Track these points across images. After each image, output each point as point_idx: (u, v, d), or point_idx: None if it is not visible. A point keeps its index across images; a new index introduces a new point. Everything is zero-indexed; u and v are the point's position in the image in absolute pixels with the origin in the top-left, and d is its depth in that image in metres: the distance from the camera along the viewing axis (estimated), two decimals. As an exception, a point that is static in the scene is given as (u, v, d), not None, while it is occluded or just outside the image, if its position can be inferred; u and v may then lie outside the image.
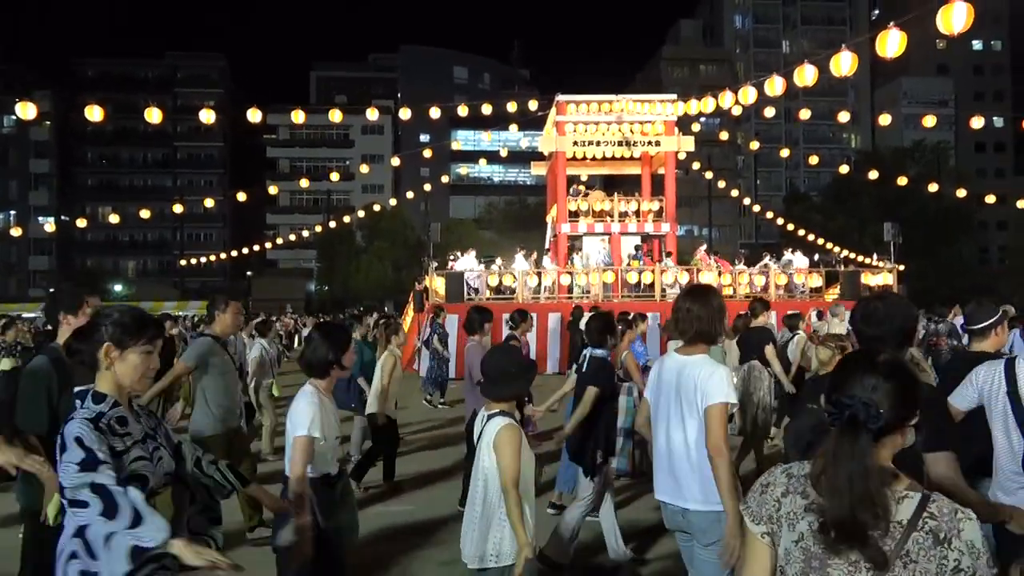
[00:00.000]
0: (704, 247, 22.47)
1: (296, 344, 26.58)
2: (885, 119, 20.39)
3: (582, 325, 8.24)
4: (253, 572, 2.42)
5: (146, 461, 2.28)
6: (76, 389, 2.32)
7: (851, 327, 2.84)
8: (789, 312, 10.57)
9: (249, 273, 53.00)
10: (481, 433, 3.06)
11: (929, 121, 19.99)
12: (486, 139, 25.90)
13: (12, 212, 56.84)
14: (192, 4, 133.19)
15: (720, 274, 19.48)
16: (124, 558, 2.06)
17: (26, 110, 13.08)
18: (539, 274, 19.37)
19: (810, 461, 1.60)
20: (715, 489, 2.92)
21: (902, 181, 27.21)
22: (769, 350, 7.30)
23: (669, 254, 20.77)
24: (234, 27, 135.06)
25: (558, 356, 17.04)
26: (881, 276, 21.00)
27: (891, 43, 8.61)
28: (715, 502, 2.95)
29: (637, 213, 21.75)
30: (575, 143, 20.99)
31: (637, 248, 20.63)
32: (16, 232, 31.57)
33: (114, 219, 32.20)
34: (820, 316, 13.70)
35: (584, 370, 5.13)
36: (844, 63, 9.16)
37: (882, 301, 2.63)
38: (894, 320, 2.52)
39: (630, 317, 7.73)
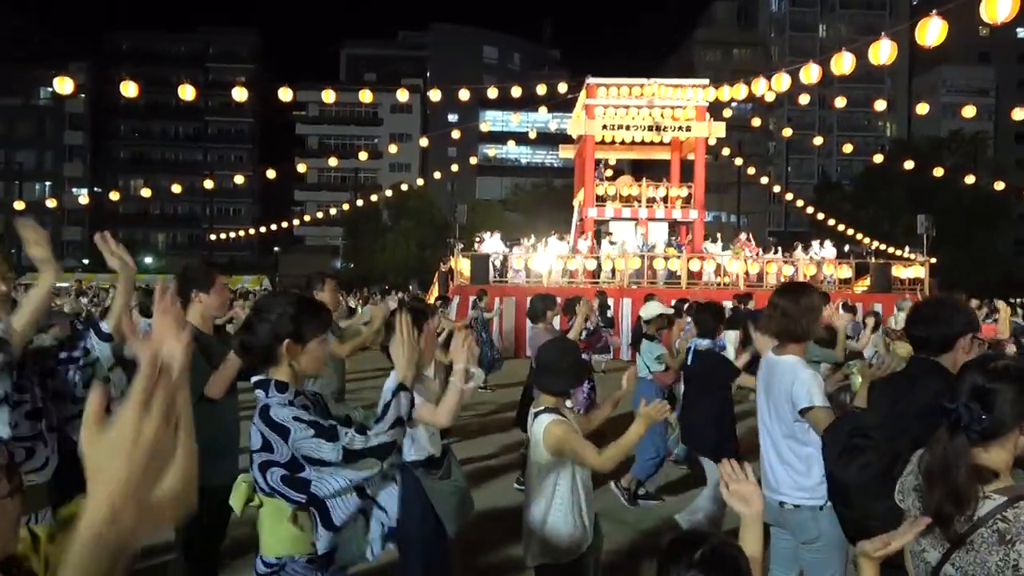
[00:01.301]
0: (744, 234, 22.29)
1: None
2: (923, 108, 19.95)
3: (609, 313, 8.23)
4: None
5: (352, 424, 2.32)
6: (257, 378, 2.31)
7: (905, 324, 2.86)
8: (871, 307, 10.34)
9: (276, 249, 53.53)
10: (531, 429, 3.07)
11: (969, 111, 19.51)
12: (515, 120, 25.83)
13: (48, 183, 57.85)
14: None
15: (746, 261, 19.29)
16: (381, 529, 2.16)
17: (63, 84, 13.26)
18: (566, 259, 19.34)
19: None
20: (806, 486, 2.98)
21: (937, 172, 26.65)
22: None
23: (673, 235, 20.63)
24: (265, 2, 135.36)
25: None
26: (912, 269, 20.66)
27: (931, 31, 8.40)
28: (806, 498, 3.00)
29: (665, 199, 21.58)
30: (604, 127, 20.83)
31: (673, 235, 20.57)
32: (51, 203, 32.11)
33: (145, 192, 32.65)
34: (848, 308, 13.51)
35: (691, 362, 5.11)
36: (883, 52, 8.95)
37: (936, 304, 2.64)
38: (938, 323, 2.52)
39: (686, 306, 7.72)
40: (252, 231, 39.22)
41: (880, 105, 20.25)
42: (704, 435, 4.90)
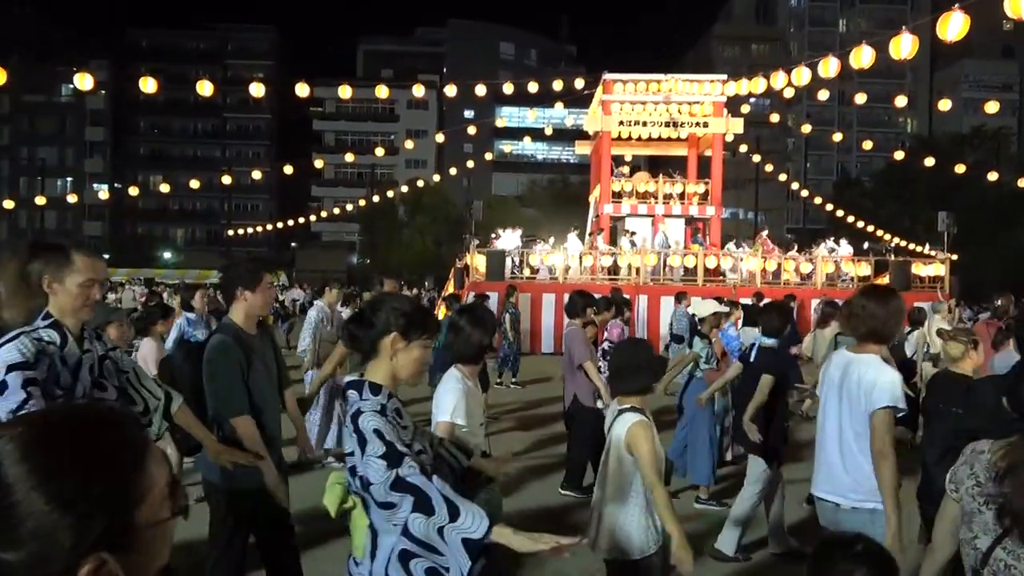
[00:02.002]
0: (766, 232, 22.15)
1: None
2: (945, 104, 19.71)
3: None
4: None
5: (426, 454, 2.26)
6: (348, 379, 2.30)
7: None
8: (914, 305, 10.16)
9: (293, 244, 53.86)
10: (611, 427, 3.07)
11: (992, 106, 19.21)
12: (531, 116, 25.79)
13: (69, 179, 58.55)
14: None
15: (765, 259, 19.16)
16: (462, 550, 1.91)
17: (83, 80, 13.39)
18: (581, 255, 19.30)
19: (985, 443, 1.88)
20: (868, 488, 2.96)
21: (959, 168, 26.29)
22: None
23: (697, 233, 20.49)
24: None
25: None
26: (933, 266, 20.40)
27: (953, 25, 8.27)
28: (867, 501, 2.98)
29: (682, 195, 21.46)
30: (621, 123, 20.74)
31: (696, 231, 20.48)
32: (72, 199, 32.52)
33: (164, 188, 32.95)
34: None
35: (754, 359, 5.08)
36: (904, 46, 8.83)
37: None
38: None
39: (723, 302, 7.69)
40: (269, 227, 39.46)
41: (901, 101, 19.93)
42: (757, 432, 4.86)
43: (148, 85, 14.39)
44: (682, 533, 2.80)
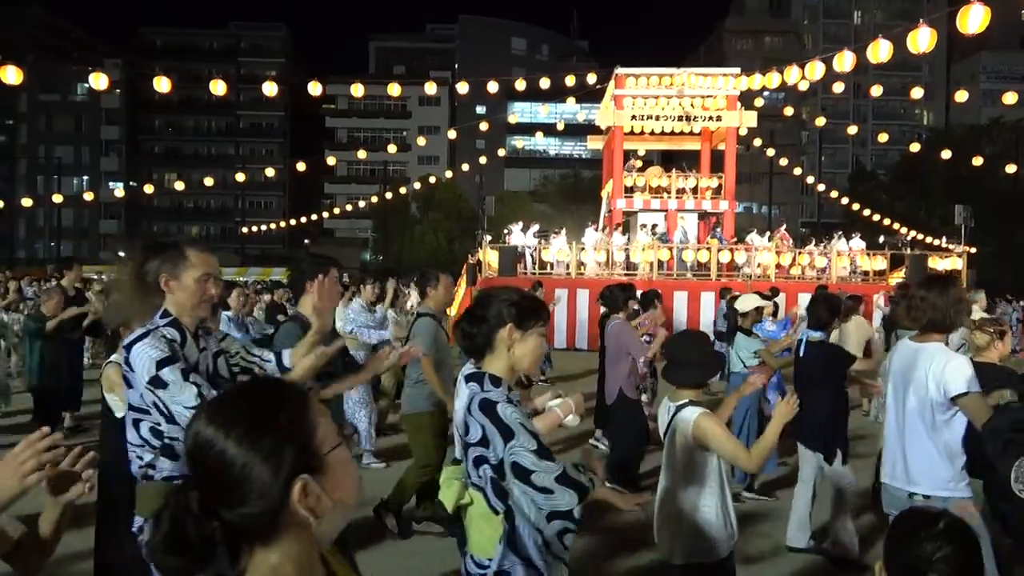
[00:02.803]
0: (784, 226, 22.01)
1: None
2: (962, 95, 19.42)
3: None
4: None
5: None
6: (467, 372, 2.31)
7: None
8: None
9: (307, 241, 54.03)
10: (670, 424, 2.99)
11: (1010, 98, 18.94)
12: (543, 112, 25.69)
13: (85, 178, 59.06)
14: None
15: (779, 254, 19.04)
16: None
17: (98, 80, 13.48)
18: (594, 250, 19.24)
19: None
20: (942, 478, 2.98)
21: (977, 161, 25.99)
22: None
23: (717, 227, 20.36)
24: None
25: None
26: (950, 260, 20.20)
27: (973, 18, 8.16)
28: (939, 489, 2.99)
29: (695, 190, 21.35)
30: (633, 117, 20.65)
31: (715, 226, 20.36)
32: (88, 197, 32.75)
33: (179, 186, 33.15)
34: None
35: (803, 354, 5.00)
36: (922, 39, 8.71)
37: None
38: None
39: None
40: (283, 224, 39.64)
41: (917, 93, 19.75)
42: (815, 429, 4.78)
43: (162, 84, 14.47)
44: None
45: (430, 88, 19.67)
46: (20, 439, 1.52)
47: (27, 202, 30.14)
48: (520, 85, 18.23)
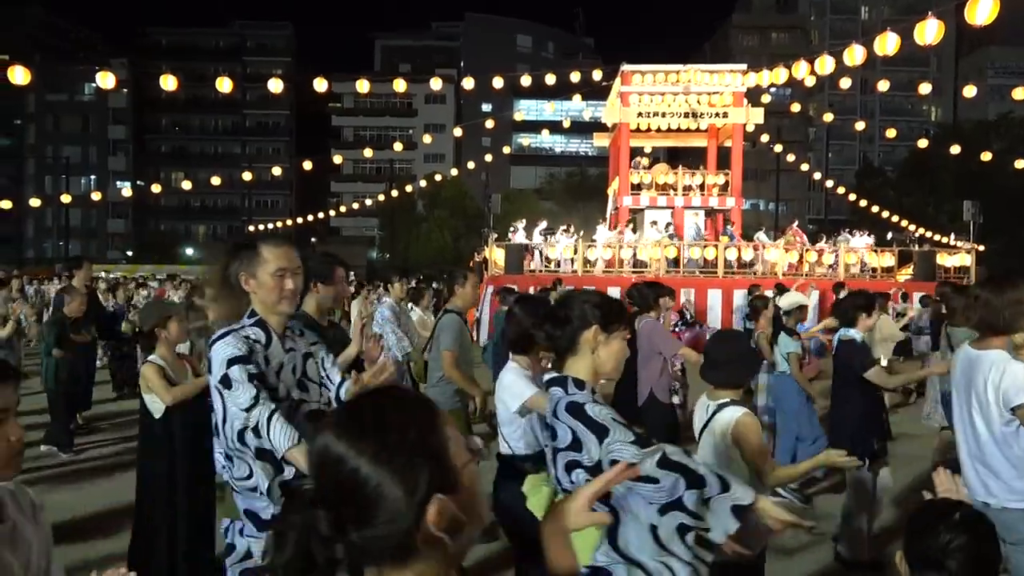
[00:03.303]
0: (796, 223, 21.93)
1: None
2: (970, 90, 19.30)
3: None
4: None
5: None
6: (550, 376, 2.27)
7: None
8: None
9: (313, 240, 54.15)
10: (708, 423, 2.94)
11: (1019, 93, 18.80)
12: (549, 109, 25.71)
13: (93, 177, 59.32)
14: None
15: (787, 250, 18.97)
16: (730, 515, 1.99)
17: (105, 79, 13.53)
18: (604, 247, 19.22)
19: None
20: (1017, 488, 2.87)
21: (985, 156, 25.84)
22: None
23: (727, 224, 20.29)
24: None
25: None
26: (958, 256, 20.09)
27: (982, 9, 8.09)
28: (1016, 500, 2.89)
29: (702, 187, 21.29)
30: (640, 114, 20.60)
31: (726, 223, 20.31)
32: (96, 196, 32.89)
33: (186, 185, 33.25)
34: (906, 298, 13.19)
35: (836, 351, 4.93)
36: (930, 31, 8.66)
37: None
38: None
39: (771, 295, 7.57)
40: (289, 222, 39.68)
41: (925, 88, 19.52)
42: (843, 428, 4.71)
43: (168, 83, 14.48)
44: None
45: (436, 85, 19.63)
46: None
47: (35, 202, 30.32)
48: (526, 82, 18.23)
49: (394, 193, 34.71)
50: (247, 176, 29.77)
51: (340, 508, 0.94)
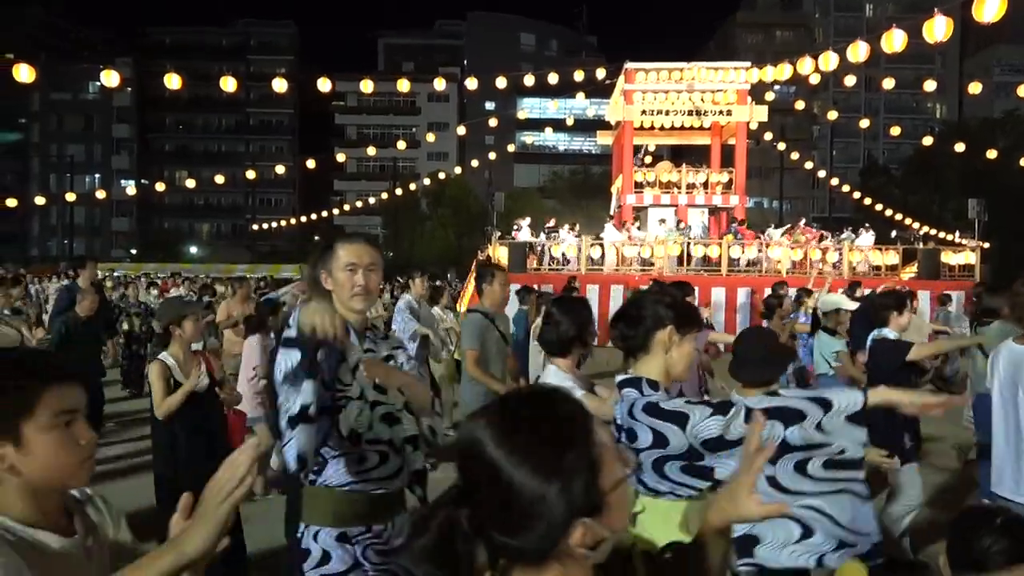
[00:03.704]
0: (804, 220, 21.87)
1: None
2: (976, 88, 19.24)
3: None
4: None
5: None
6: (623, 377, 2.26)
7: None
8: None
9: (316, 238, 54.19)
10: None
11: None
12: (552, 107, 25.70)
13: (97, 176, 59.44)
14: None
15: (792, 248, 18.92)
16: (849, 427, 1.98)
17: (110, 78, 13.54)
18: (602, 245, 19.19)
19: None
20: None
21: (991, 154, 25.77)
22: None
23: (733, 222, 20.24)
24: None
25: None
26: (963, 255, 20.01)
27: (989, 7, 8.05)
28: None
29: (705, 184, 21.25)
30: (643, 112, 20.56)
31: (732, 221, 20.25)
32: (101, 194, 32.95)
33: (190, 183, 33.32)
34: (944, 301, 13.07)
35: (871, 352, 4.87)
36: (937, 29, 8.62)
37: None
38: None
39: (784, 291, 7.49)
40: (293, 220, 39.74)
41: (930, 86, 19.43)
42: (876, 428, 4.66)
43: (172, 82, 14.48)
44: None
45: (439, 84, 19.60)
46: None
47: (40, 200, 30.38)
48: (529, 81, 18.18)
49: (397, 191, 34.73)
50: (251, 174, 29.81)
51: (488, 511, 0.93)
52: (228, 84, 15.22)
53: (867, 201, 28.69)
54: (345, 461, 2.32)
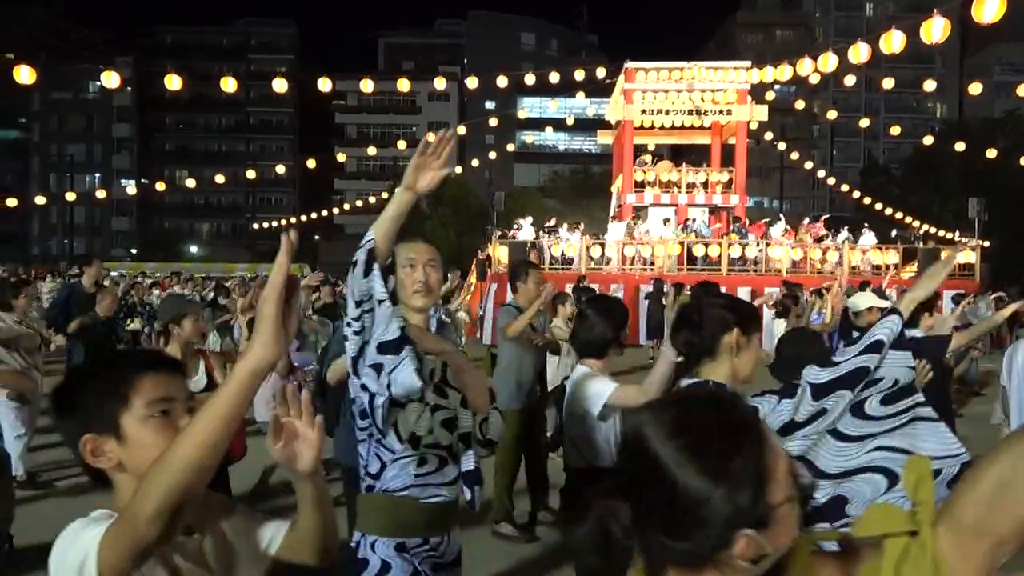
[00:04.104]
0: (808, 219, 21.89)
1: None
2: (976, 88, 19.25)
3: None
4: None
5: None
6: (691, 381, 2.24)
7: None
8: None
9: (317, 237, 54.22)
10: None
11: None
12: (552, 107, 25.72)
13: (97, 175, 59.47)
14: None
15: (793, 248, 18.95)
16: (898, 355, 1.85)
17: (110, 78, 13.56)
18: (602, 245, 19.21)
19: None
20: None
21: (991, 154, 25.78)
22: None
23: (736, 222, 20.25)
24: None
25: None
26: (963, 254, 20.04)
27: (988, 7, 8.07)
28: None
29: (705, 184, 21.27)
30: (643, 111, 20.58)
31: (735, 220, 20.26)
32: (101, 194, 32.96)
33: (190, 183, 33.35)
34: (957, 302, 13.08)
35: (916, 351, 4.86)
36: (935, 29, 8.64)
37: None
38: None
39: (794, 290, 7.49)
40: (293, 220, 39.78)
41: (929, 85, 19.43)
42: None
43: (173, 82, 14.51)
44: None
45: (439, 84, 19.62)
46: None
47: (40, 200, 30.38)
48: (529, 80, 18.18)
49: (397, 191, 34.76)
50: (251, 174, 29.83)
51: (648, 509, 0.91)
52: (228, 84, 15.26)
53: (867, 201, 28.71)
54: (404, 464, 2.26)
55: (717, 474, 0.88)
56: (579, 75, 18.21)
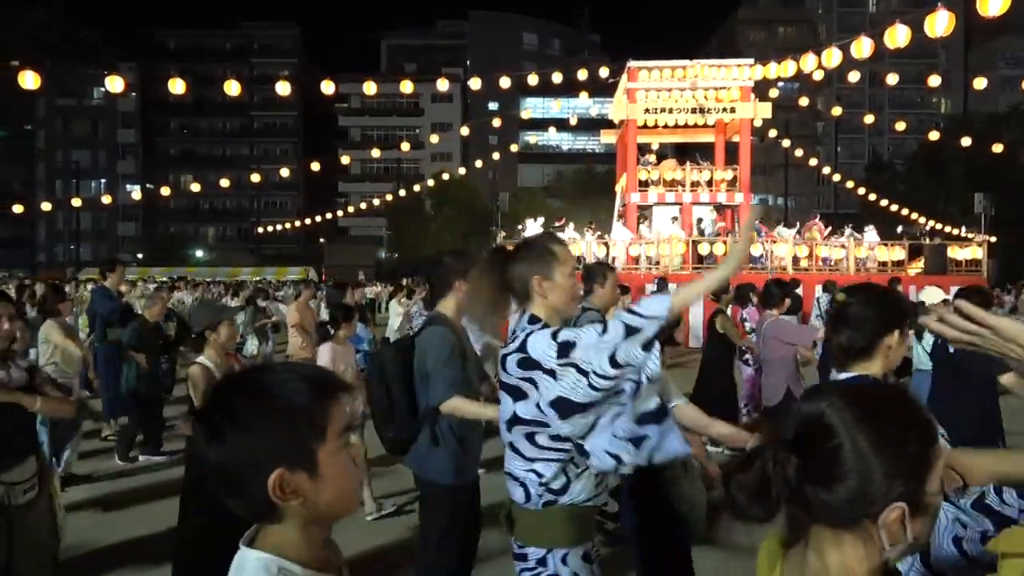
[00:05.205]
0: (817, 217, 21.83)
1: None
2: (980, 82, 19.14)
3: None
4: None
5: None
6: (848, 376, 2.23)
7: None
8: None
9: (322, 240, 54.33)
10: None
11: (1029, 84, 18.66)
12: (555, 107, 25.72)
13: (103, 181, 59.69)
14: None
15: (797, 246, 18.89)
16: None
17: (114, 83, 13.60)
18: (607, 244, 19.18)
19: None
20: None
21: (996, 148, 25.68)
22: None
23: (735, 222, 20.19)
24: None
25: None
26: (969, 250, 19.94)
27: (994, 0, 8.03)
28: None
29: (710, 182, 21.19)
30: (647, 110, 20.53)
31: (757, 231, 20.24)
32: (106, 199, 33.07)
33: (195, 187, 33.43)
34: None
35: (953, 350, 4.61)
36: (939, 23, 8.60)
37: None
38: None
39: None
40: (298, 223, 39.85)
41: (934, 80, 19.31)
42: (963, 432, 4.54)
43: (177, 86, 14.57)
44: None
45: (442, 85, 19.62)
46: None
47: (46, 206, 30.52)
48: (532, 80, 18.18)
49: (402, 193, 34.78)
50: (255, 178, 29.89)
51: (814, 464, 1.00)
52: (232, 87, 15.29)
53: (872, 197, 28.62)
54: (589, 475, 2.25)
55: (887, 444, 0.99)
56: (582, 75, 18.18)
